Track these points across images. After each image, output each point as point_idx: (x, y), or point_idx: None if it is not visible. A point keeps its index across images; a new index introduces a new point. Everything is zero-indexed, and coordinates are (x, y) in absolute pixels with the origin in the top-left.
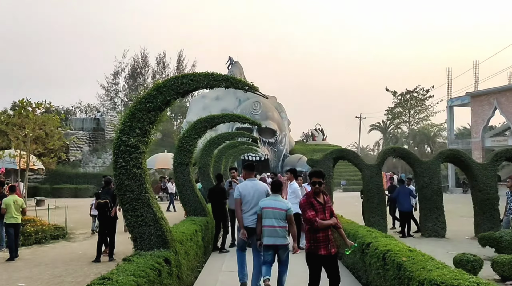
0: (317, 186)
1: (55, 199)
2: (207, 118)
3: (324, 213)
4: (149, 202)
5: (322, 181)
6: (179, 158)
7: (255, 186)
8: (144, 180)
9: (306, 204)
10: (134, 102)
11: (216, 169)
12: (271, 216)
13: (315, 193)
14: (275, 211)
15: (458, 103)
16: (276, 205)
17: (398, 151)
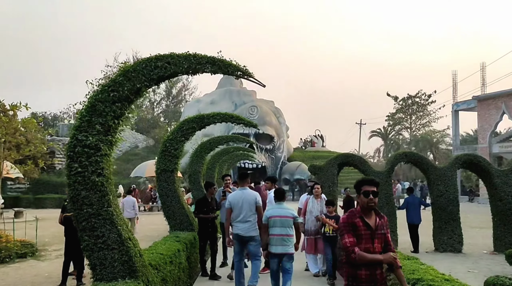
0: (371, 198)
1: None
2: (195, 118)
3: (372, 241)
4: (113, 219)
5: (376, 191)
6: (162, 163)
7: (243, 194)
8: (107, 190)
9: (345, 226)
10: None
11: (209, 178)
12: (279, 225)
13: (365, 209)
14: (282, 219)
15: (464, 108)
16: (283, 213)
17: (410, 156)
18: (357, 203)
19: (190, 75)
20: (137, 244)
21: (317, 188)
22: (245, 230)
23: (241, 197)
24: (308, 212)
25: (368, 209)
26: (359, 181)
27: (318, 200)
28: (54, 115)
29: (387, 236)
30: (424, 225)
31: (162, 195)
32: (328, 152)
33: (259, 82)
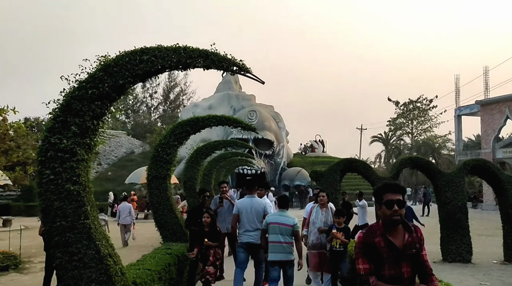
0: (395, 210)
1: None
2: (189, 121)
3: (399, 265)
4: (90, 233)
5: (402, 199)
6: (154, 169)
7: (252, 202)
8: (84, 200)
9: (361, 247)
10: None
11: (205, 184)
12: (277, 232)
13: (389, 224)
14: (281, 226)
15: (466, 112)
16: (282, 221)
17: (416, 161)
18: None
19: (180, 71)
20: (119, 261)
21: (322, 196)
22: (257, 238)
23: (250, 205)
24: (311, 223)
25: (392, 223)
26: (379, 187)
27: (324, 209)
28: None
29: (422, 255)
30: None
31: (154, 203)
32: (328, 157)
33: (257, 79)
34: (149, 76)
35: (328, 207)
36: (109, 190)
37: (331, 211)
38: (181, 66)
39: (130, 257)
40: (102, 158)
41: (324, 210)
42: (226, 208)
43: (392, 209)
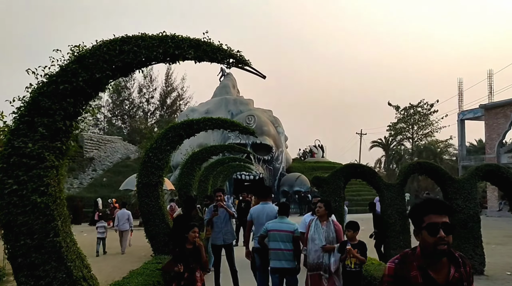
0: (441, 236)
1: None
2: (183, 124)
3: None
4: (61, 253)
5: (450, 223)
6: (145, 176)
7: (265, 209)
8: (54, 214)
9: (391, 281)
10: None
11: (202, 191)
12: (278, 239)
13: (431, 254)
14: (281, 233)
15: (470, 117)
16: (282, 227)
17: (425, 166)
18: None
19: (168, 64)
20: (96, 284)
21: (319, 207)
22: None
23: (262, 212)
24: (309, 240)
25: (436, 254)
26: (418, 206)
27: (324, 223)
28: None
29: None
30: None
31: (144, 213)
32: (328, 163)
33: (257, 72)
34: (131, 70)
35: (330, 220)
36: (104, 196)
37: (332, 224)
38: (168, 58)
39: (120, 269)
40: (97, 164)
41: (324, 224)
42: (223, 217)
43: (437, 236)
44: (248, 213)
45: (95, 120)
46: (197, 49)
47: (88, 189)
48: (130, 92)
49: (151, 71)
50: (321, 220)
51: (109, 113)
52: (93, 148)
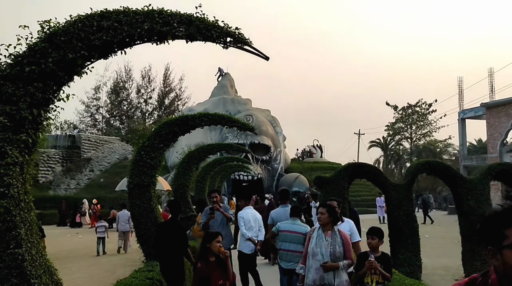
0: None
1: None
2: (177, 120)
3: None
4: (23, 267)
5: None
6: (136, 176)
7: (286, 212)
8: (16, 220)
9: None
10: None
11: (199, 192)
12: (288, 240)
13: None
14: (293, 234)
15: (471, 116)
16: (295, 229)
17: (434, 165)
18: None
19: (155, 44)
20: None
21: (321, 213)
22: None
23: (284, 214)
24: (309, 255)
25: None
26: (493, 217)
27: (328, 233)
28: None
29: None
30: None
31: (135, 216)
32: (327, 163)
33: (259, 53)
34: (112, 50)
35: (335, 229)
36: (101, 197)
37: (339, 235)
38: (155, 36)
39: (113, 273)
40: (94, 164)
41: (329, 234)
42: (219, 220)
43: None
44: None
45: (93, 120)
46: (189, 26)
47: (85, 189)
48: (128, 92)
49: (149, 72)
50: (324, 230)
51: (107, 114)
52: (90, 148)
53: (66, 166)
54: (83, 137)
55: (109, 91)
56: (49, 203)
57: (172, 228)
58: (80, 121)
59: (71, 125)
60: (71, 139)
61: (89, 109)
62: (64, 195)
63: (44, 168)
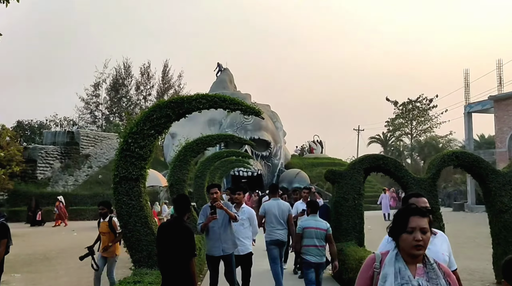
0: None
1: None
2: (170, 103)
3: None
4: None
5: None
6: (122, 168)
7: (278, 204)
8: None
9: None
10: None
11: (197, 188)
12: (313, 236)
13: None
14: (317, 231)
15: (478, 109)
16: (317, 225)
17: (462, 157)
18: None
19: None
20: None
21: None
22: (285, 235)
23: (274, 206)
24: None
25: None
26: None
27: (419, 268)
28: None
29: None
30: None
31: (122, 215)
32: (327, 159)
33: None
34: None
35: (430, 261)
36: (99, 194)
37: (441, 273)
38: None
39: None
40: (93, 161)
41: (419, 270)
42: (221, 220)
43: None
44: None
45: (92, 117)
46: None
47: (83, 186)
48: (127, 89)
49: (148, 69)
50: (408, 261)
51: (106, 110)
52: (89, 145)
53: (64, 162)
54: (82, 134)
55: (108, 88)
56: (46, 199)
57: (175, 230)
58: (80, 118)
59: (71, 122)
60: (69, 135)
61: (89, 106)
62: (62, 191)
63: (43, 164)
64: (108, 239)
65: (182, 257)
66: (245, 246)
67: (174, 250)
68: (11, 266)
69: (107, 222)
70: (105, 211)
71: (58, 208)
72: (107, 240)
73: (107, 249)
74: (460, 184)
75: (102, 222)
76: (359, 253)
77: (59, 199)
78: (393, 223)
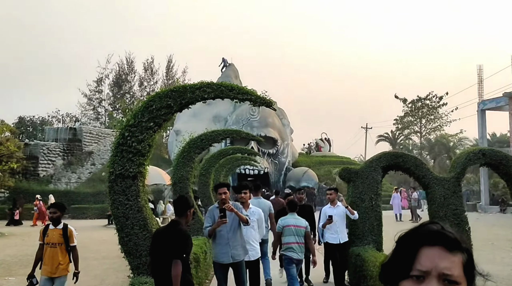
0: None
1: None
2: (172, 91)
3: None
4: None
5: None
6: (118, 165)
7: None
8: None
9: None
10: None
11: (202, 186)
12: (293, 233)
13: None
14: (296, 228)
15: (492, 107)
16: (296, 223)
17: (490, 155)
18: None
19: None
20: None
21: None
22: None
23: (257, 204)
24: None
25: None
26: None
27: None
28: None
29: None
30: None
31: (118, 217)
32: (336, 157)
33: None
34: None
35: None
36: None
37: None
38: None
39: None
40: (96, 158)
41: None
42: (230, 224)
43: None
44: None
45: (95, 113)
46: None
47: (86, 183)
48: (131, 85)
49: (152, 64)
50: None
51: (110, 107)
52: (92, 142)
53: (67, 159)
54: (85, 130)
55: (111, 84)
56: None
57: (168, 235)
58: (83, 114)
59: (73, 118)
60: (72, 132)
61: (91, 102)
62: (65, 189)
63: (45, 161)
64: (60, 254)
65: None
66: (255, 250)
67: (164, 255)
68: (6, 268)
69: (61, 230)
70: (58, 215)
71: (36, 206)
72: (58, 255)
73: (56, 267)
74: (473, 184)
75: (53, 230)
76: (380, 258)
77: (38, 198)
78: (389, 259)
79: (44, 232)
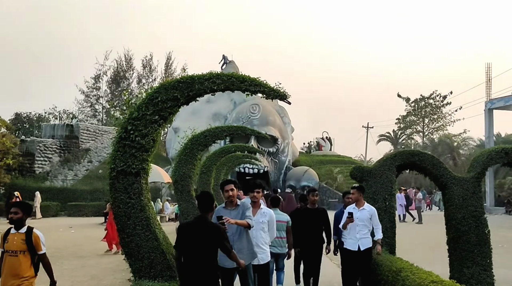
0: None
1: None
2: (179, 83)
3: None
4: None
5: None
6: (120, 160)
7: None
8: None
9: None
10: None
11: (203, 184)
12: (276, 228)
13: None
14: (278, 223)
15: (500, 106)
16: (278, 218)
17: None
18: None
19: None
20: None
21: None
22: None
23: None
24: None
25: None
26: None
27: None
28: (39, 116)
29: None
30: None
31: (119, 216)
32: (337, 156)
33: None
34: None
35: None
36: (99, 189)
37: None
38: None
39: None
40: (93, 155)
41: None
42: (235, 228)
43: None
44: None
45: (93, 111)
46: None
47: (83, 181)
48: (129, 82)
49: (150, 61)
50: None
51: (107, 104)
52: (89, 139)
53: (63, 156)
54: (82, 127)
55: (109, 81)
56: (44, 194)
57: (201, 231)
58: (80, 111)
59: (70, 115)
60: (69, 128)
61: (89, 99)
62: (61, 186)
63: (41, 158)
64: (21, 264)
65: (207, 261)
66: (265, 253)
67: (203, 252)
68: None
69: (24, 234)
70: (19, 217)
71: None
72: (19, 266)
73: (16, 280)
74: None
75: (14, 234)
76: (395, 263)
77: (15, 195)
78: None
79: (4, 236)
